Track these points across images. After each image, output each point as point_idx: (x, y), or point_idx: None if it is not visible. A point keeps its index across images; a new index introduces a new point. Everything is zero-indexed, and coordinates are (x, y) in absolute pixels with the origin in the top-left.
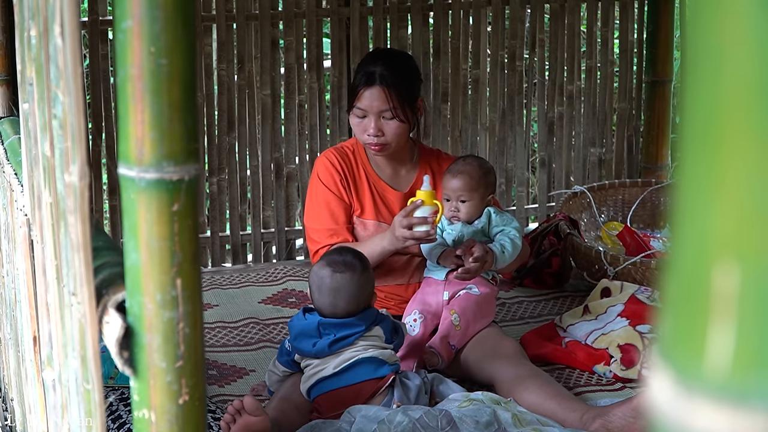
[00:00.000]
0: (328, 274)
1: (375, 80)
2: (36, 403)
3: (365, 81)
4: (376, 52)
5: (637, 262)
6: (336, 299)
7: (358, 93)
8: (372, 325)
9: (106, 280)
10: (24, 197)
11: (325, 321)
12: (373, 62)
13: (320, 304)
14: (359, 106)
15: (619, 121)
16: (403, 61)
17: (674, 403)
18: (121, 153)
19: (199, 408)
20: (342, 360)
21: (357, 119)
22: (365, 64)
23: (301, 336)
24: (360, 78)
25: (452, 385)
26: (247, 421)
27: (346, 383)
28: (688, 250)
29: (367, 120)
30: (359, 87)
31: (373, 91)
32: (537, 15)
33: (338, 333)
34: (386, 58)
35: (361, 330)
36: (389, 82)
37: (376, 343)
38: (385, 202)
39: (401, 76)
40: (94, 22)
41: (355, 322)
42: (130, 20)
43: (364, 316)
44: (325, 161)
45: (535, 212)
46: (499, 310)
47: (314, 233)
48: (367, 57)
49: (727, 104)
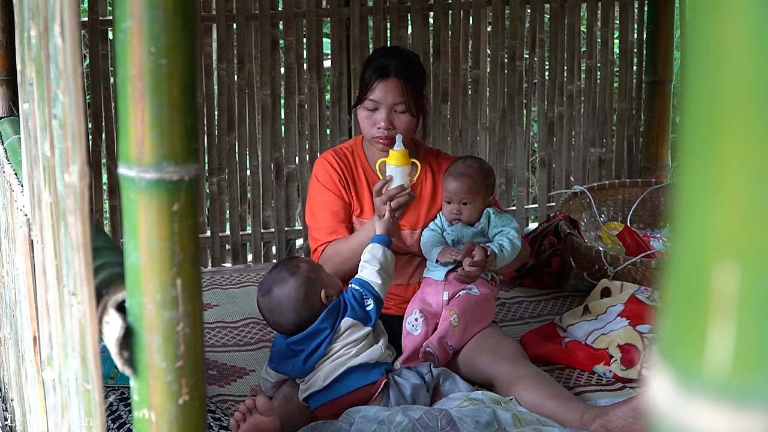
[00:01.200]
0: (259, 299)
1: (390, 72)
2: (36, 403)
3: (380, 73)
4: (386, 48)
5: (637, 262)
6: (280, 318)
7: (372, 85)
8: (338, 320)
9: (106, 280)
10: (24, 197)
11: (291, 339)
12: (387, 56)
13: (275, 327)
14: (372, 98)
15: (619, 121)
16: (413, 58)
17: (674, 403)
18: (121, 153)
19: (199, 408)
20: (330, 371)
21: (367, 112)
22: (377, 58)
23: (279, 360)
24: (373, 71)
25: (459, 381)
26: (258, 420)
27: (339, 394)
28: (688, 250)
29: (378, 113)
30: (373, 79)
31: (388, 83)
32: (537, 15)
33: (308, 346)
34: (398, 53)
35: (327, 333)
36: (404, 75)
37: (356, 336)
38: None
39: (414, 71)
40: (94, 22)
41: (318, 326)
42: (130, 20)
43: (324, 317)
44: (323, 162)
45: (535, 212)
46: (499, 310)
47: (315, 231)
48: (378, 51)
49: (727, 104)
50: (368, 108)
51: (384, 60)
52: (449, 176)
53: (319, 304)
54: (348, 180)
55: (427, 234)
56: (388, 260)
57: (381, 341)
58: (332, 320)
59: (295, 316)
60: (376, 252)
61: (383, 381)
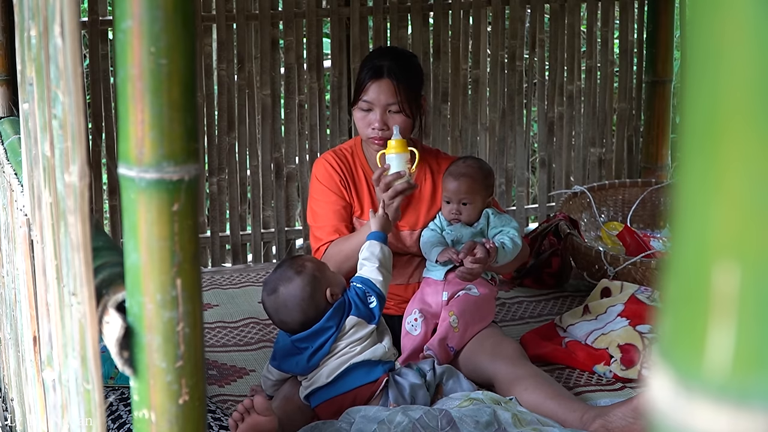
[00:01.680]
0: (265, 298)
1: (383, 73)
2: (36, 403)
3: (373, 74)
4: (382, 48)
5: (637, 262)
6: (286, 317)
7: (365, 86)
8: (343, 319)
9: (106, 280)
10: (24, 197)
11: (296, 337)
12: (381, 57)
13: (280, 326)
14: (366, 98)
15: (619, 121)
16: (410, 58)
17: (674, 403)
18: (121, 153)
19: (199, 408)
20: (334, 368)
21: (362, 113)
22: (372, 59)
23: (282, 357)
24: (367, 71)
25: (463, 380)
26: (256, 420)
27: (340, 391)
28: (688, 250)
29: (373, 114)
30: (366, 80)
31: (381, 83)
32: (537, 15)
33: (314, 344)
34: (394, 54)
35: (332, 331)
36: (397, 75)
37: (360, 334)
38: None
39: (409, 71)
40: (94, 22)
41: (324, 325)
42: (130, 20)
43: (330, 315)
44: (324, 163)
45: (535, 212)
46: (499, 310)
47: (317, 231)
48: (374, 52)
49: (727, 104)
50: (363, 108)
51: (378, 61)
52: (449, 176)
53: (324, 303)
54: (348, 180)
55: (426, 234)
56: (386, 256)
57: (385, 339)
58: (337, 318)
59: (301, 314)
60: (374, 249)
61: (384, 379)
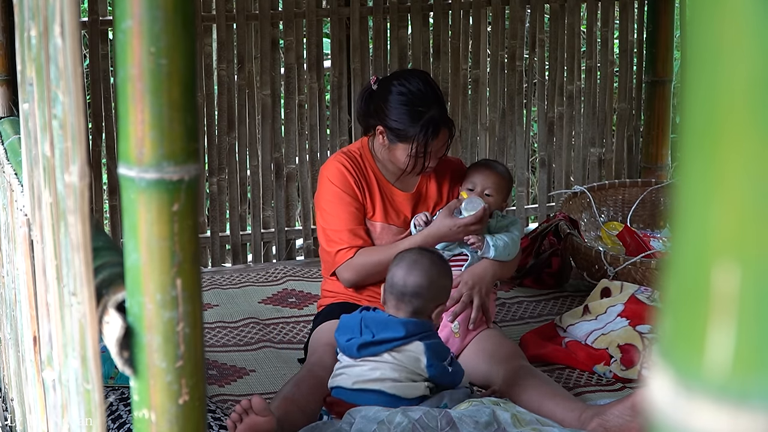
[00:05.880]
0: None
1: (439, 127)
2: (36, 403)
3: (432, 131)
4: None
5: (637, 262)
6: (412, 270)
7: (428, 147)
8: (413, 337)
9: (106, 280)
10: (24, 197)
11: (369, 315)
12: (424, 104)
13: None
14: (425, 151)
15: (619, 121)
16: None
17: (674, 403)
18: (121, 153)
19: (199, 408)
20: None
21: (408, 155)
22: (416, 106)
23: (343, 328)
24: (422, 128)
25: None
26: (254, 421)
27: (357, 402)
28: (688, 250)
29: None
30: (427, 138)
31: (440, 137)
32: (537, 15)
33: (377, 333)
34: (432, 92)
35: (398, 336)
36: (446, 120)
37: (408, 363)
38: (393, 204)
39: (444, 104)
40: (94, 22)
41: (398, 323)
42: (130, 20)
43: (412, 322)
44: (337, 164)
45: (535, 212)
46: (499, 310)
47: (334, 234)
48: (415, 98)
49: (727, 104)
50: (413, 155)
51: (425, 113)
52: (480, 167)
53: (428, 308)
54: (362, 181)
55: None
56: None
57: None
58: (411, 331)
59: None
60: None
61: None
